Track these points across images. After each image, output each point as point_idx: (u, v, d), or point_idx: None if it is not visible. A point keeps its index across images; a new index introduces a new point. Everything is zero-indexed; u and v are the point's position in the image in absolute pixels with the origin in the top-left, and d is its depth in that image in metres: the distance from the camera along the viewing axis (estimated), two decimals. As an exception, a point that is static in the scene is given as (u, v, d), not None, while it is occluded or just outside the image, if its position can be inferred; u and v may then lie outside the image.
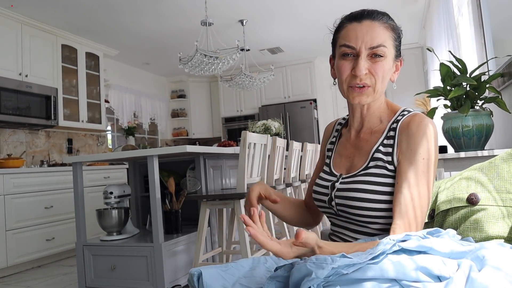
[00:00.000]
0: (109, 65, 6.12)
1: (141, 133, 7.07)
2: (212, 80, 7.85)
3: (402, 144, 1.00)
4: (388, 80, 1.06)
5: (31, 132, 4.77)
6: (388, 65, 1.03)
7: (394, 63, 1.08)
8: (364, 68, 1.00)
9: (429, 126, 0.98)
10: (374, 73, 1.01)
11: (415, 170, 0.96)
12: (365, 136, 1.10)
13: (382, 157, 1.02)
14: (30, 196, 3.91)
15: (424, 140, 0.97)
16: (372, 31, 1.01)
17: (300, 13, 4.99)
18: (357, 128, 1.13)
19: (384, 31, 1.03)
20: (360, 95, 1.03)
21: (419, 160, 0.96)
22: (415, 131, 0.98)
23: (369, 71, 1.01)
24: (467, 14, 3.20)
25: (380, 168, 1.01)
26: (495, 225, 0.96)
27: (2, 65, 4.15)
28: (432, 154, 0.97)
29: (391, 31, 1.05)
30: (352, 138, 1.14)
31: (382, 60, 1.02)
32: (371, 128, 1.10)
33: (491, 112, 2.00)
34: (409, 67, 6.45)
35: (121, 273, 2.70)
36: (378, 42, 1.01)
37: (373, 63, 1.01)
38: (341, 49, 1.05)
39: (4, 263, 3.58)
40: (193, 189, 3.01)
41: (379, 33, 1.02)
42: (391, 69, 1.06)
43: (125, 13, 4.62)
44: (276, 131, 4.34)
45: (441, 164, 1.97)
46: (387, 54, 1.02)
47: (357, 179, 1.03)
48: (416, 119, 1.00)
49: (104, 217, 2.87)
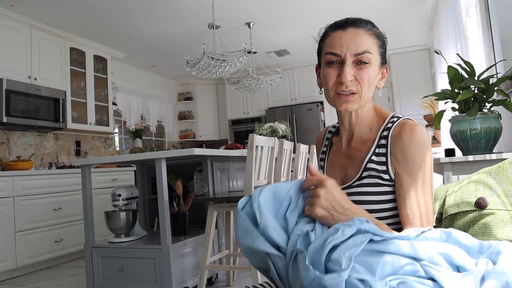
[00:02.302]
0: (117, 68, 6.16)
1: (148, 136, 7.10)
2: (219, 83, 7.87)
3: (397, 155, 1.00)
4: (374, 87, 1.06)
5: (40, 134, 4.81)
6: (373, 71, 1.03)
7: (380, 70, 1.08)
8: (349, 74, 1.00)
9: (420, 134, 0.98)
10: (360, 79, 1.01)
11: (415, 181, 0.97)
12: (356, 145, 1.10)
13: (375, 167, 1.02)
14: (39, 198, 3.94)
15: (418, 149, 0.98)
16: (357, 38, 1.02)
17: (307, 15, 4.99)
18: (348, 137, 1.13)
19: (369, 37, 1.03)
20: (346, 103, 1.02)
21: (418, 170, 0.97)
22: (408, 142, 0.98)
23: (355, 77, 1.01)
24: (475, 16, 3.19)
25: (373, 178, 1.01)
26: (504, 229, 0.96)
27: (11, 68, 4.20)
28: (427, 161, 0.98)
29: (375, 38, 1.05)
30: (343, 147, 1.14)
31: (367, 66, 1.02)
32: (361, 137, 1.10)
33: (500, 115, 1.98)
34: (416, 69, 6.42)
35: (129, 275, 2.71)
36: (363, 48, 1.01)
37: (359, 69, 1.01)
38: (326, 57, 1.05)
39: (13, 264, 3.61)
40: (201, 191, 3.02)
41: (364, 40, 1.02)
42: (377, 76, 1.06)
43: (133, 16, 4.65)
44: (283, 133, 4.34)
45: (449, 167, 1.97)
46: (373, 61, 1.02)
47: (351, 191, 1.03)
48: (407, 129, 0.99)
49: (112, 219, 2.88)
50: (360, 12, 5.03)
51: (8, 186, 3.67)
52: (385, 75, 1.10)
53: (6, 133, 4.40)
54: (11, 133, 4.45)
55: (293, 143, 3.68)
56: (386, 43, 1.08)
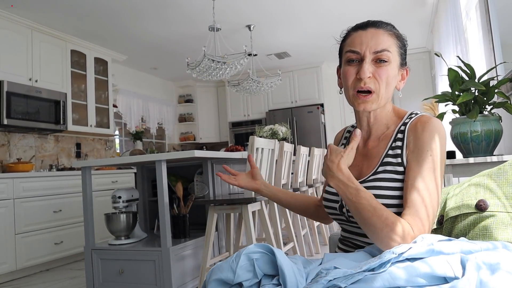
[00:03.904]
0: (118, 70, 6.17)
1: (149, 138, 7.10)
2: (220, 85, 7.88)
3: (410, 145, 1.01)
4: (393, 87, 1.07)
5: (40, 136, 4.81)
6: (392, 71, 1.04)
7: (399, 71, 1.08)
8: (368, 71, 1.02)
9: (436, 125, 0.99)
10: (378, 77, 1.02)
11: (421, 167, 0.96)
12: (373, 144, 1.11)
13: (391, 161, 1.03)
14: (39, 200, 3.94)
15: (431, 138, 0.98)
16: (377, 37, 1.04)
17: (308, 17, 5.00)
18: (365, 137, 1.14)
19: (389, 37, 1.05)
20: (365, 102, 1.04)
21: (426, 157, 0.97)
22: (421, 131, 1.00)
23: (373, 75, 1.02)
24: (475, 18, 3.19)
25: (389, 173, 1.02)
26: (504, 231, 0.95)
27: (12, 71, 4.20)
28: (438, 151, 0.98)
29: (395, 38, 1.06)
30: (360, 147, 1.14)
31: (386, 65, 1.03)
32: (378, 136, 1.11)
33: (500, 117, 1.98)
34: (417, 72, 6.42)
35: (129, 277, 2.71)
36: (382, 47, 1.03)
37: (377, 67, 1.03)
38: (346, 55, 1.07)
39: (13, 266, 3.61)
40: (201, 193, 3.02)
41: (383, 39, 1.04)
42: (396, 76, 1.07)
43: (134, 18, 4.66)
44: (283, 135, 4.34)
45: (449, 169, 1.96)
46: (392, 60, 1.04)
47: (366, 185, 1.03)
48: (423, 119, 1.02)
49: (112, 221, 2.88)
50: (361, 13, 5.06)
51: (8, 188, 3.66)
52: (405, 76, 1.11)
53: (7, 135, 4.40)
54: (12, 135, 4.46)
55: (294, 145, 3.68)
56: (406, 45, 1.10)
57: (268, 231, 2.72)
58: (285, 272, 0.80)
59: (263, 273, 0.84)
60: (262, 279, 0.84)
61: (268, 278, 0.84)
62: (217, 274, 0.85)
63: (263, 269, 0.84)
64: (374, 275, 0.76)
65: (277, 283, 0.81)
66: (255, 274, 0.83)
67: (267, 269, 0.84)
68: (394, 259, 0.79)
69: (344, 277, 0.77)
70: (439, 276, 0.74)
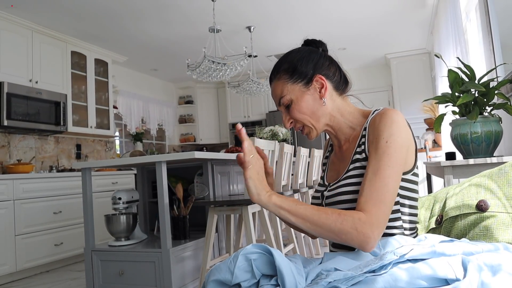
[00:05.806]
0: (118, 72, 6.18)
1: (149, 139, 7.10)
2: (220, 86, 7.88)
3: (370, 137, 1.03)
4: (317, 108, 1.11)
5: (41, 137, 4.82)
6: (303, 103, 1.10)
7: (309, 90, 1.10)
8: (286, 120, 1.15)
9: (391, 115, 1.01)
10: (295, 118, 1.12)
11: (377, 154, 0.98)
12: (346, 146, 1.16)
13: (358, 157, 1.06)
14: (39, 201, 3.94)
15: (387, 126, 1.00)
16: (274, 90, 1.14)
17: (307, 19, 5.00)
18: (338, 144, 1.19)
19: (279, 83, 1.13)
20: (307, 135, 1.16)
21: (382, 144, 0.98)
22: (378, 122, 1.02)
23: (292, 118, 1.13)
24: (475, 19, 3.20)
25: (358, 169, 1.04)
26: (505, 232, 0.95)
27: (12, 72, 4.21)
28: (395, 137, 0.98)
29: (283, 77, 1.12)
30: (337, 151, 1.20)
31: (293, 105, 1.11)
32: (348, 138, 1.15)
33: (500, 118, 1.98)
34: (416, 73, 6.43)
35: (129, 279, 2.70)
36: (279, 97, 1.12)
37: (290, 111, 1.12)
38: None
39: (13, 267, 3.61)
40: (201, 195, 3.02)
41: (276, 90, 1.13)
42: (308, 100, 1.10)
43: (134, 20, 4.67)
44: (283, 137, 4.34)
45: (449, 171, 1.96)
46: (293, 97, 1.10)
47: (340, 184, 1.06)
48: (381, 112, 1.04)
49: (112, 223, 2.88)
50: (361, 15, 5.07)
51: (8, 189, 3.66)
52: (322, 82, 1.11)
53: (7, 136, 4.40)
54: (12, 136, 4.46)
55: (294, 146, 3.68)
56: (297, 67, 1.11)
57: (268, 233, 2.72)
58: (283, 272, 0.80)
59: (261, 274, 0.85)
60: (261, 280, 0.84)
61: (266, 279, 0.84)
62: (215, 275, 0.85)
63: (261, 269, 0.84)
64: (375, 277, 0.76)
65: (275, 283, 0.82)
66: (253, 275, 0.84)
67: (265, 270, 0.84)
68: (395, 260, 0.79)
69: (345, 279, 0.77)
70: (441, 278, 0.74)
